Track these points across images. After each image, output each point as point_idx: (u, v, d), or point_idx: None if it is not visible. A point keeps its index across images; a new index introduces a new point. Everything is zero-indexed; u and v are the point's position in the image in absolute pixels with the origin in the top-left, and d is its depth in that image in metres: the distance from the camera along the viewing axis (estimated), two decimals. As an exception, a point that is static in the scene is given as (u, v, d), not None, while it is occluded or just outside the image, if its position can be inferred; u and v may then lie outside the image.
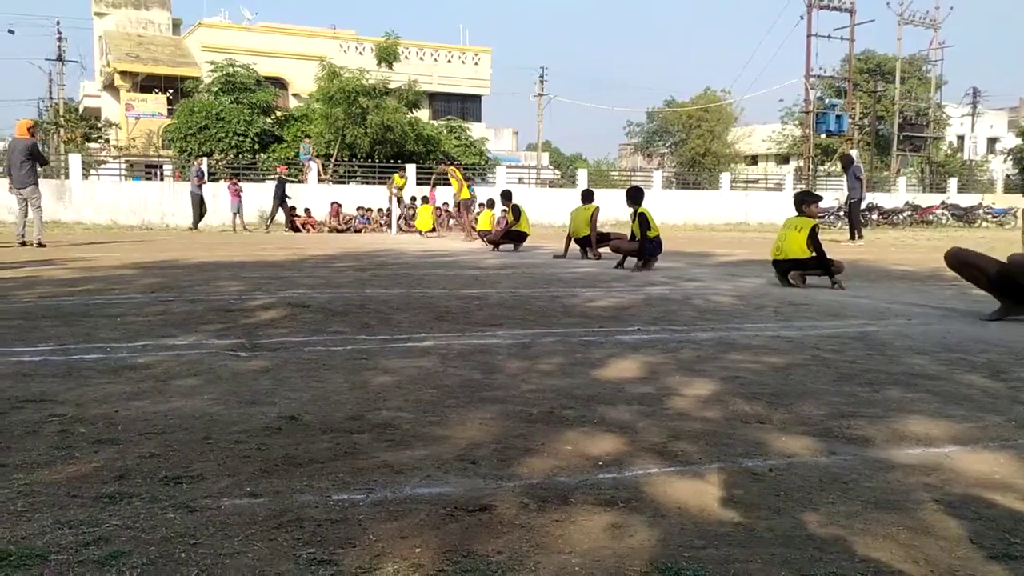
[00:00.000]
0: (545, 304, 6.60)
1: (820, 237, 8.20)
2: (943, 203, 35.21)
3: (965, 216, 33.26)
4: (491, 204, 18.00)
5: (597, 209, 12.80)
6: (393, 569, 1.82)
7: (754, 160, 59.70)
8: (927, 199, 36.97)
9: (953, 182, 40.84)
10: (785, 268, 8.28)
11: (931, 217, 33.15)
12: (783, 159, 56.82)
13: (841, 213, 26.53)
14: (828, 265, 8.09)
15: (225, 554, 1.87)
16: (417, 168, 29.90)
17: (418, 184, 28.48)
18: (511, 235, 14.85)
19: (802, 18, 40.51)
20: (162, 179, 29.72)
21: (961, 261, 6.17)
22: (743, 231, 28.04)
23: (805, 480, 2.42)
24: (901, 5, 44.60)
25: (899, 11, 44.77)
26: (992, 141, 59.77)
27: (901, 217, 32.27)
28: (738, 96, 59.81)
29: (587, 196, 13.17)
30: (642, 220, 10.40)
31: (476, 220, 18.73)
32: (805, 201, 8.51)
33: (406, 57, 37.70)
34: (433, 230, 21.02)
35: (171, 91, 37.79)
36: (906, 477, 2.47)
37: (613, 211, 26.42)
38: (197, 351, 4.37)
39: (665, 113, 54.07)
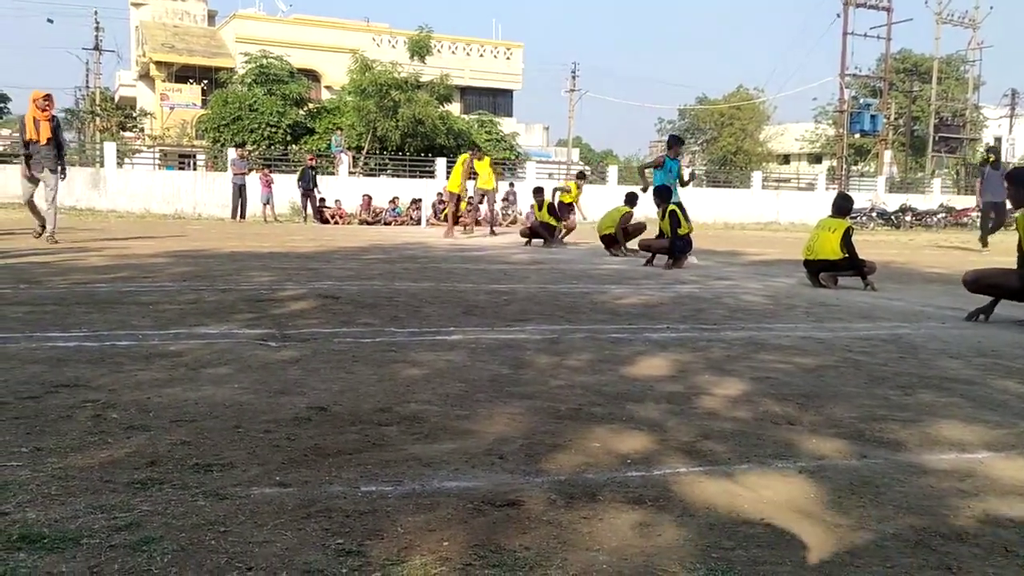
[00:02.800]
0: (574, 300, 6.58)
1: (854, 239, 8.11)
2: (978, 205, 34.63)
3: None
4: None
5: (630, 214, 12.82)
6: (421, 562, 1.82)
7: (786, 159, 59.14)
8: (962, 201, 36.40)
9: (990, 184, 40.15)
10: (816, 269, 8.20)
11: (966, 220, 32.61)
12: (816, 159, 56.24)
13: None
14: (861, 266, 8.00)
15: (254, 542, 1.89)
16: (448, 163, 29.94)
17: (447, 178, 28.51)
18: (543, 228, 14.89)
19: (838, 16, 40.01)
20: (195, 169, 30.01)
21: (979, 283, 6.18)
22: (774, 230, 27.79)
23: (835, 483, 2.40)
24: (940, 4, 43.91)
25: (937, 10, 44.08)
26: (1031, 143, 58.66)
27: (935, 219, 31.81)
28: (771, 94, 59.27)
29: (630, 199, 13.11)
30: (672, 217, 10.34)
31: (502, 215, 18.41)
32: (840, 207, 8.37)
33: (438, 51, 37.79)
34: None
35: (205, 82, 38.13)
36: (939, 482, 2.43)
37: (642, 208, 26.31)
38: (228, 340, 4.41)
39: (697, 111, 53.73)
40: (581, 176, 19.47)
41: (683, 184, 11.87)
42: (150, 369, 3.67)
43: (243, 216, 23.97)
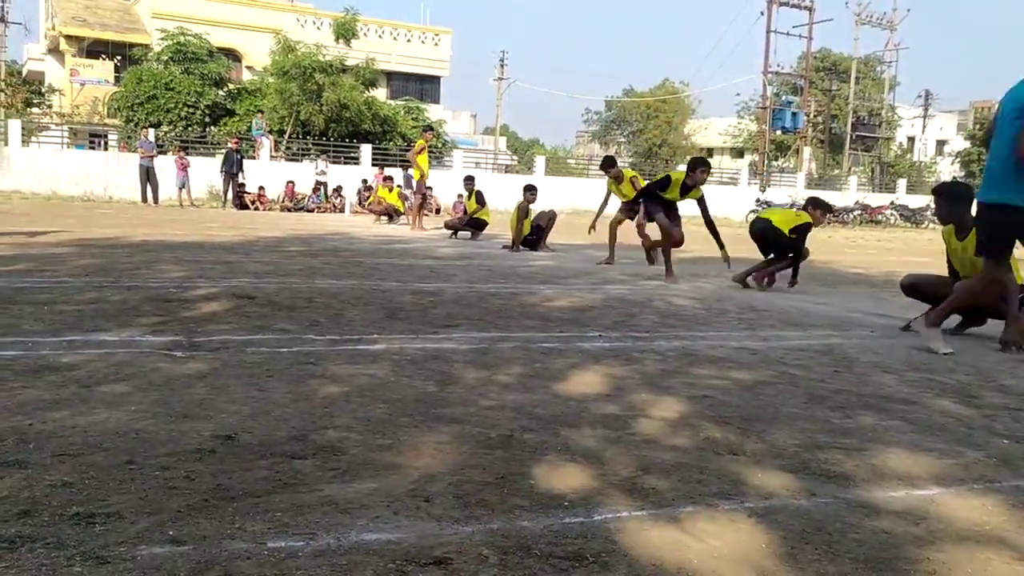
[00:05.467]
0: (503, 302, 6.37)
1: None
2: (892, 203, 35.74)
3: (913, 217, 33.80)
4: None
5: (520, 206, 12.43)
6: (333, 647, 1.58)
7: (710, 153, 59.88)
8: (877, 199, 37.51)
9: (902, 183, 41.52)
10: (760, 227, 8.18)
11: (880, 217, 33.63)
12: (738, 153, 57.23)
13: None
14: (798, 255, 8.01)
15: (137, 624, 1.62)
16: (373, 149, 29.37)
17: (373, 165, 27.98)
18: (472, 223, 14.58)
19: (762, 14, 40.75)
20: (106, 149, 28.73)
21: (915, 288, 6.28)
22: (698, 224, 28.04)
23: (787, 529, 2.23)
24: (859, 5, 45.11)
25: (857, 11, 45.28)
26: (941, 143, 60.90)
27: (852, 216, 32.68)
28: (696, 89, 60.03)
29: (528, 190, 12.81)
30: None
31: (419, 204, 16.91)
32: (814, 203, 8.26)
33: (364, 34, 37.00)
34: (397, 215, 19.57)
35: (119, 58, 36.53)
36: (894, 527, 2.30)
37: (571, 199, 26.27)
38: (129, 349, 4.06)
39: (624, 102, 54.05)
40: (429, 129, 17.67)
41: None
42: (36, 387, 3.31)
43: (156, 200, 23.06)
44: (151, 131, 25.33)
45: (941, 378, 4.31)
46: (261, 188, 24.64)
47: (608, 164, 11.42)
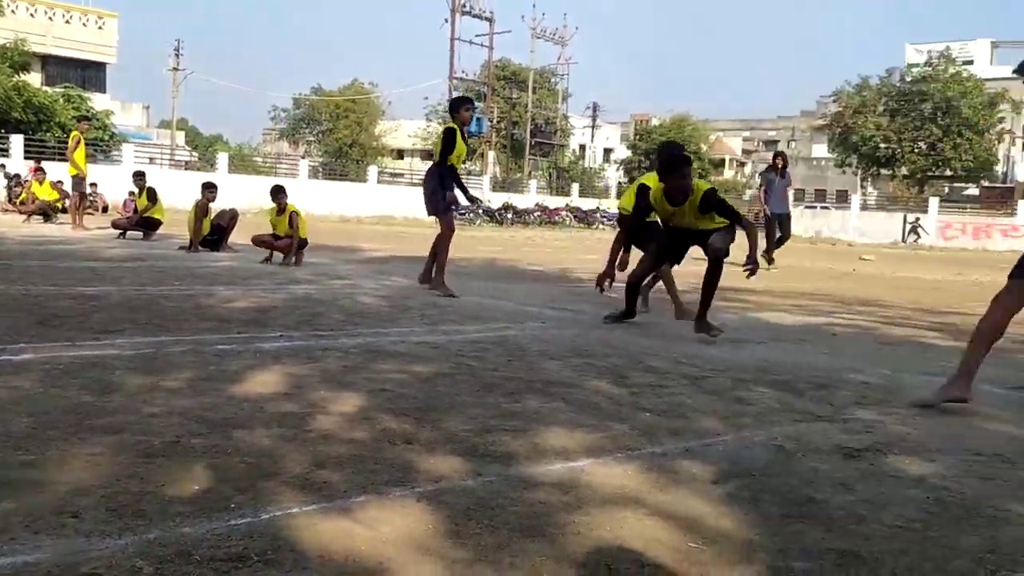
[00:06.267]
0: (176, 305, 6.00)
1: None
2: (567, 206, 38.72)
3: (585, 218, 36.87)
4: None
5: (198, 205, 11.75)
6: None
7: (400, 155, 60.97)
8: (554, 201, 40.37)
9: (576, 187, 45.06)
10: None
11: (557, 218, 36.27)
12: (428, 155, 58.24)
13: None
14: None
15: None
16: (26, 140, 26.27)
17: (26, 158, 25.03)
18: (143, 222, 13.52)
19: (446, 21, 42.15)
20: None
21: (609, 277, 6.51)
22: (390, 224, 28.46)
23: (453, 508, 2.34)
24: (535, 20, 48.24)
25: (533, 25, 48.40)
26: (608, 152, 66.91)
27: (533, 217, 34.94)
28: (386, 91, 60.71)
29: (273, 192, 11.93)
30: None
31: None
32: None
33: (12, 11, 33.00)
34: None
35: None
36: (548, 497, 2.49)
37: (257, 198, 25.35)
38: None
39: (312, 100, 53.18)
40: (84, 119, 16.40)
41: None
42: None
43: None
44: None
45: (598, 362, 4.73)
46: None
47: (276, 192, 10.62)
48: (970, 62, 49.40)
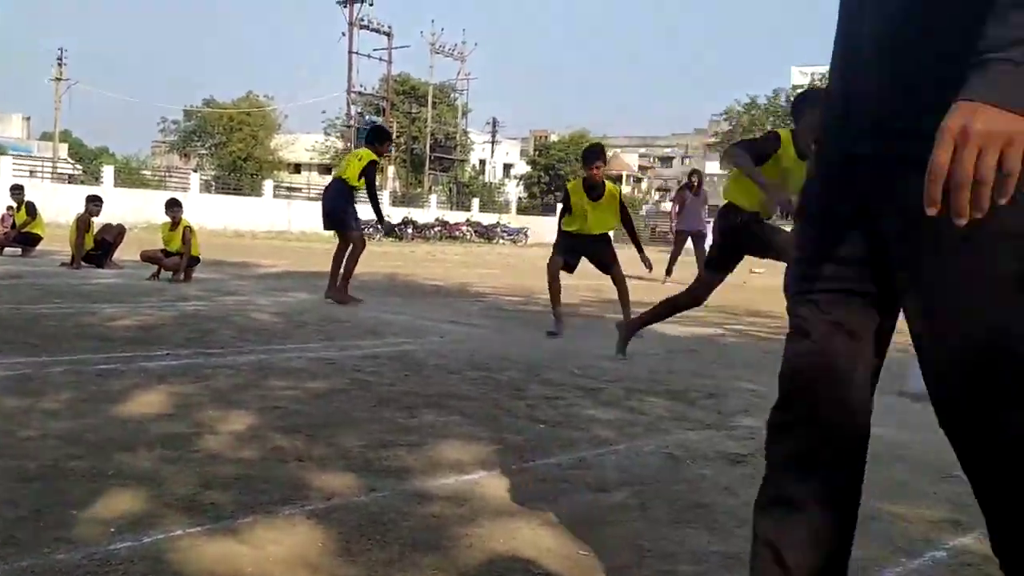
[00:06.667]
0: (56, 324, 5.73)
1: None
2: (468, 220, 38.79)
3: (486, 233, 37.00)
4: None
5: (80, 219, 11.16)
6: None
7: (297, 169, 59.91)
8: (455, 216, 40.39)
9: (476, 202, 45.21)
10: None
11: (458, 233, 36.29)
12: (326, 169, 57.71)
13: None
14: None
15: None
16: None
17: None
18: (22, 238, 12.86)
19: (344, 34, 41.79)
20: None
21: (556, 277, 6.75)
22: (286, 239, 27.87)
23: (345, 525, 2.31)
24: (434, 35, 48.36)
25: (431, 40, 48.49)
26: (508, 167, 67.41)
27: (433, 232, 34.84)
28: (282, 104, 59.61)
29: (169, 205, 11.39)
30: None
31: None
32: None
33: None
34: None
35: None
36: (443, 510, 2.49)
37: (145, 213, 24.49)
38: None
39: (204, 112, 51.76)
40: None
41: None
42: None
43: None
44: None
45: (495, 376, 4.75)
46: None
47: (171, 204, 10.17)
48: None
